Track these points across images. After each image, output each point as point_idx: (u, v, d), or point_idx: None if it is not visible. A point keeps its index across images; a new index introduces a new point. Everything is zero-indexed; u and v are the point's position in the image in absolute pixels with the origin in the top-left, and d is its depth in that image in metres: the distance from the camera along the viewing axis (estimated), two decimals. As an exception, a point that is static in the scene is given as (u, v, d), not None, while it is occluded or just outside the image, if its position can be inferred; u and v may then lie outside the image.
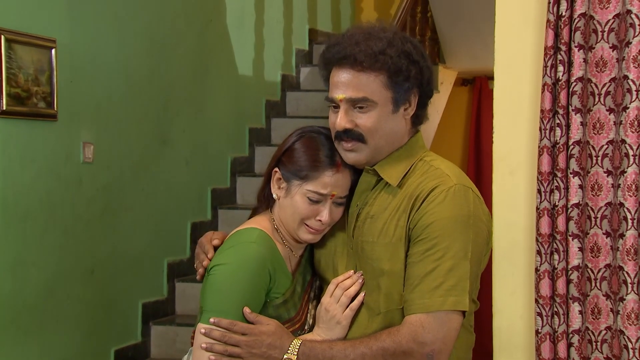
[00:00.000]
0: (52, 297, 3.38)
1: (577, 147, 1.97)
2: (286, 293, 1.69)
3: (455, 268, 1.54)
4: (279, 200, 1.72)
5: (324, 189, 1.66)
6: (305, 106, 5.40)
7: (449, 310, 1.53)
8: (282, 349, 1.58)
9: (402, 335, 1.52)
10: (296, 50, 5.68)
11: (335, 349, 1.55)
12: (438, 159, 1.70)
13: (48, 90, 3.30)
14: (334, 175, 1.67)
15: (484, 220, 1.64)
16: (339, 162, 1.68)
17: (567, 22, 1.96)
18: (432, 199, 1.58)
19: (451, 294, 1.53)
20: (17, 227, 3.19)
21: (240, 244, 1.67)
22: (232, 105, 4.90)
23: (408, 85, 1.63)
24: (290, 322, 1.69)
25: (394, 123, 1.65)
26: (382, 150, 1.67)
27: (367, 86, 1.62)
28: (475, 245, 1.58)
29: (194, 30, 4.49)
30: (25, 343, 3.24)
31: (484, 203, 1.66)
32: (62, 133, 3.43)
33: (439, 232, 1.55)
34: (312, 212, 1.67)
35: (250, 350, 1.57)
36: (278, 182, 1.72)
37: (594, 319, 1.97)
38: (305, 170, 1.67)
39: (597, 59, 1.95)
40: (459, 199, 1.58)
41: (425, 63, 1.67)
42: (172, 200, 4.26)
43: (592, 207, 1.97)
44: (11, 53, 3.10)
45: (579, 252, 1.97)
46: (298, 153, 1.69)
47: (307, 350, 1.57)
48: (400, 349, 1.51)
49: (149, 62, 4.07)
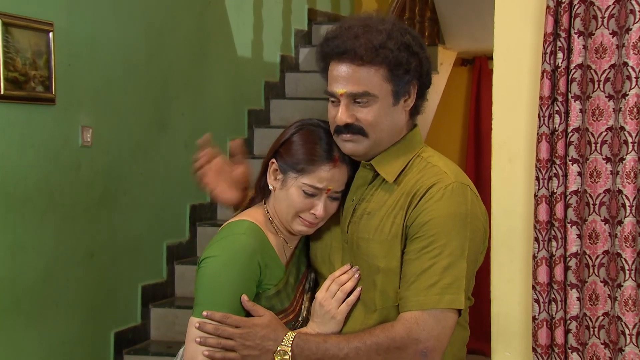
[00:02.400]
0: (52, 281, 3.39)
1: (576, 134, 1.96)
2: (279, 284, 1.69)
3: (452, 266, 1.52)
4: (275, 192, 1.71)
5: (320, 183, 1.65)
6: (304, 87, 5.37)
7: (445, 308, 1.52)
8: (276, 340, 1.57)
9: (396, 331, 1.52)
10: (295, 31, 5.64)
11: (329, 342, 1.55)
12: (435, 155, 1.68)
13: (46, 74, 3.29)
14: (331, 170, 1.66)
15: (481, 219, 1.61)
16: (337, 157, 1.67)
17: (567, 8, 1.94)
18: (429, 197, 1.57)
19: (447, 292, 1.52)
20: (16, 211, 3.19)
21: (230, 236, 1.67)
22: (231, 87, 4.88)
23: (408, 77, 1.61)
24: (283, 313, 1.69)
25: (394, 115, 1.64)
26: (382, 143, 1.66)
27: (368, 80, 1.60)
28: (472, 244, 1.56)
29: (193, 12, 4.46)
30: (25, 327, 3.25)
31: (481, 201, 1.63)
32: (61, 117, 3.42)
33: (436, 229, 1.54)
34: (306, 206, 1.67)
35: (243, 342, 1.57)
36: (274, 173, 1.71)
37: (591, 305, 1.98)
38: (302, 164, 1.66)
39: (597, 46, 1.94)
40: (456, 197, 1.56)
41: (424, 54, 1.64)
42: (171, 183, 4.25)
43: (591, 194, 1.97)
44: (8, 37, 3.08)
45: (577, 239, 1.98)
46: (296, 146, 1.69)
47: (301, 342, 1.57)
48: (394, 344, 1.51)
49: (148, 45, 4.04)
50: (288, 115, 5.17)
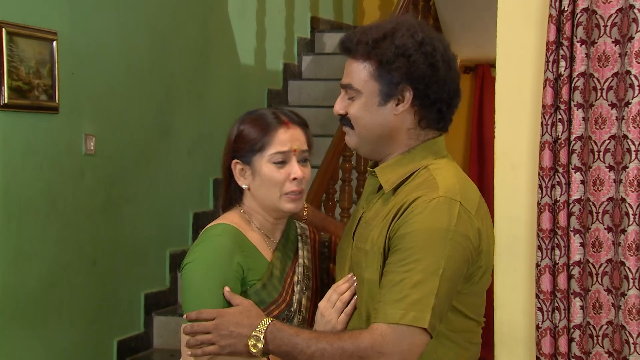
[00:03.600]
0: (55, 288, 3.39)
1: (579, 143, 1.96)
2: (263, 277, 1.70)
3: (422, 283, 1.47)
4: (251, 187, 1.73)
5: (284, 146, 1.68)
6: (307, 95, 5.38)
7: (409, 325, 1.46)
8: (250, 326, 1.56)
9: (362, 340, 1.49)
10: (298, 39, 5.65)
11: (300, 337, 1.53)
12: (443, 168, 1.61)
13: (49, 82, 3.30)
14: (287, 131, 1.69)
15: (470, 237, 1.53)
16: (287, 120, 1.71)
17: (570, 17, 1.95)
18: (412, 209, 1.52)
19: (413, 308, 1.46)
20: (19, 219, 3.19)
21: (207, 240, 1.69)
22: (233, 95, 4.89)
23: (394, 78, 1.57)
24: (275, 304, 1.70)
25: (380, 116, 1.61)
26: (367, 142, 1.65)
27: (354, 74, 1.61)
28: (450, 262, 1.49)
29: (195, 20, 4.48)
30: (28, 334, 3.25)
31: (474, 219, 1.55)
32: (64, 125, 3.43)
33: (412, 243, 1.49)
34: (284, 175, 1.69)
35: (219, 332, 1.56)
36: (241, 172, 1.74)
37: (595, 313, 1.98)
38: (259, 140, 1.69)
39: (600, 54, 1.94)
40: (439, 212, 1.51)
41: (425, 59, 1.58)
42: (174, 191, 4.26)
43: (594, 203, 1.96)
44: (12, 46, 3.09)
45: (580, 247, 1.97)
46: (246, 132, 1.72)
47: (275, 330, 1.55)
48: (357, 353, 1.48)
49: (150, 53, 4.06)
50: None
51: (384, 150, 1.65)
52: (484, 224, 1.59)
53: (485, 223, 1.60)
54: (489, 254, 1.60)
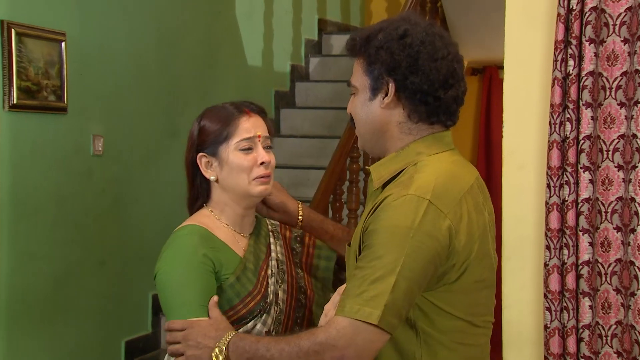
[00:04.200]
0: (63, 289, 3.40)
1: (588, 142, 1.95)
2: (236, 271, 1.73)
3: (380, 280, 1.46)
4: (219, 179, 1.77)
5: (248, 132, 1.74)
6: (314, 96, 5.38)
7: (363, 320, 1.45)
8: (215, 339, 1.59)
9: (318, 334, 1.48)
10: (305, 41, 5.66)
11: (261, 342, 1.55)
12: (430, 165, 1.57)
13: (58, 83, 3.31)
14: (249, 119, 1.76)
15: (438, 237, 1.49)
16: (247, 109, 1.78)
17: (578, 15, 1.94)
18: (382, 207, 1.52)
19: (368, 304, 1.45)
20: (27, 220, 3.21)
21: (174, 242, 1.75)
22: (241, 96, 4.82)
23: (376, 71, 1.59)
24: (250, 296, 1.73)
25: (368, 111, 1.62)
26: (366, 139, 1.66)
27: (354, 72, 1.65)
28: (410, 260, 1.46)
29: (203, 22, 4.49)
30: (36, 334, 3.26)
31: (446, 218, 1.51)
32: (72, 126, 3.44)
33: (376, 240, 1.49)
34: (252, 161, 1.74)
35: (187, 342, 1.60)
36: (207, 165, 1.78)
37: (604, 313, 1.97)
38: (224, 130, 1.74)
39: (609, 53, 1.93)
40: (403, 210, 1.49)
41: (403, 50, 1.56)
42: (182, 192, 4.25)
43: (603, 202, 1.96)
44: (21, 47, 3.11)
45: (589, 246, 1.96)
46: (209, 124, 1.77)
47: (238, 340, 1.57)
48: (313, 347, 1.47)
49: (158, 55, 4.07)
50: (298, 124, 5.18)
51: (382, 147, 1.65)
52: (464, 220, 1.54)
53: (467, 219, 1.55)
54: (467, 252, 1.54)
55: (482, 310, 1.62)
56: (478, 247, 1.57)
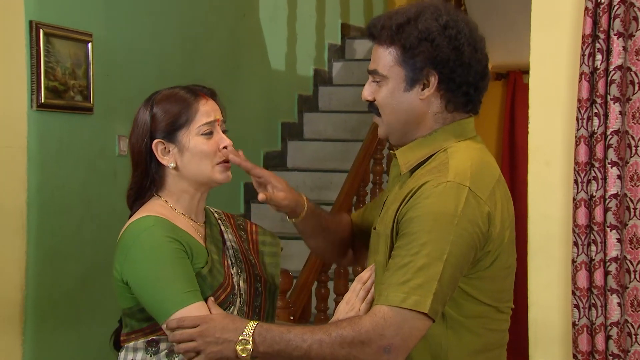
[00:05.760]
0: (89, 287, 3.42)
1: (616, 137, 1.93)
2: (208, 262, 1.66)
3: (426, 267, 1.45)
4: (179, 165, 1.68)
5: (208, 116, 1.69)
6: (337, 101, 5.38)
7: (410, 309, 1.44)
8: (235, 331, 1.51)
9: (362, 324, 1.46)
10: (328, 45, 5.67)
11: (292, 332, 1.49)
12: (461, 151, 1.57)
13: (84, 83, 3.34)
14: (207, 102, 1.71)
15: (478, 223, 1.49)
16: (202, 93, 1.72)
17: (606, 9, 1.93)
18: (420, 194, 1.50)
19: (415, 292, 1.44)
20: (54, 219, 3.23)
21: (139, 238, 1.63)
22: (264, 100, 4.91)
23: (418, 63, 1.55)
24: (222, 288, 1.66)
25: (406, 102, 1.59)
26: (395, 128, 1.63)
27: (380, 59, 1.59)
28: (455, 247, 1.46)
29: (227, 25, 4.51)
30: (63, 332, 3.29)
31: (485, 204, 1.51)
32: (98, 126, 3.47)
33: (418, 227, 1.47)
34: (213, 145, 1.69)
35: (204, 339, 1.52)
36: (163, 152, 1.69)
37: (633, 311, 1.94)
38: (183, 115, 1.68)
39: (638, 47, 1.92)
40: (445, 196, 1.48)
41: (449, 42, 1.54)
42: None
43: (631, 198, 1.94)
44: (49, 47, 3.15)
45: (617, 243, 1.94)
46: (164, 110, 1.69)
47: (264, 331, 1.50)
48: (358, 337, 1.45)
49: (182, 57, 4.09)
50: (321, 128, 5.19)
51: (412, 135, 1.63)
52: (498, 207, 1.55)
53: (500, 206, 1.56)
54: (500, 239, 1.55)
55: (506, 297, 1.61)
56: (509, 234, 1.57)
